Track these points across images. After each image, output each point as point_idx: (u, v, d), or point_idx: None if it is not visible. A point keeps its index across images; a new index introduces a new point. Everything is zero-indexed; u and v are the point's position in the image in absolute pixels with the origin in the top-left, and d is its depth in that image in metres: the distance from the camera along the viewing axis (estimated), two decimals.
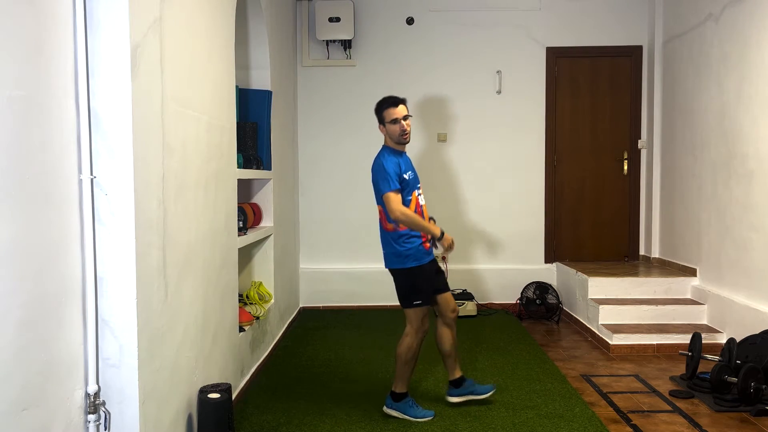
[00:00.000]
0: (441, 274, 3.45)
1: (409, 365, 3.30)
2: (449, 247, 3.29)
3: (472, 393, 3.45)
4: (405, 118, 3.27)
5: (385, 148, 3.34)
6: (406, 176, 3.25)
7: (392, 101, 3.28)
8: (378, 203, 3.30)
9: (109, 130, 2.09)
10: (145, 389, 2.22)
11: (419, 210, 3.31)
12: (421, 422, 3.24)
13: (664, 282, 4.99)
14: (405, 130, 3.26)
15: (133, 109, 2.12)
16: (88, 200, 2.06)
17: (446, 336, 3.41)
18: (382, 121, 3.30)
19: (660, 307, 4.74)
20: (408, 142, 3.33)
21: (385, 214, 3.25)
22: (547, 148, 5.93)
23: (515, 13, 5.86)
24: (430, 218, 3.48)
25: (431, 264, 3.35)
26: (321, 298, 5.93)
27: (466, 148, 5.92)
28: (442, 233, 3.24)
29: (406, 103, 3.31)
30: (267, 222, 4.55)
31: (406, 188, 3.25)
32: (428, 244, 3.33)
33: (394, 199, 3.16)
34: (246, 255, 4.45)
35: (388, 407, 3.32)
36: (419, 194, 3.34)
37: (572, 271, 5.42)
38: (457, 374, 3.46)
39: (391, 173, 3.18)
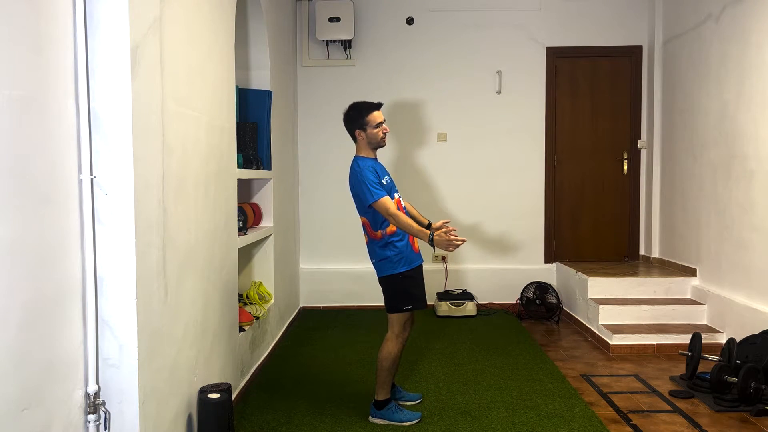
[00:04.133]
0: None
1: (390, 372, 3.26)
2: (448, 244, 2.97)
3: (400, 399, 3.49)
4: (384, 121, 3.24)
5: (359, 158, 3.21)
6: (384, 181, 3.17)
7: (374, 105, 3.21)
8: (362, 215, 3.20)
9: (109, 130, 2.09)
10: (145, 389, 2.22)
11: (404, 212, 3.25)
12: (409, 426, 3.20)
13: (664, 282, 4.99)
14: (387, 132, 3.24)
15: (133, 109, 2.11)
16: (88, 200, 2.06)
17: None
18: (363, 126, 3.18)
19: (660, 307, 4.74)
20: (385, 145, 3.29)
21: (370, 223, 3.18)
22: (547, 148, 5.93)
23: (515, 13, 5.86)
24: (428, 223, 3.44)
25: (421, 268, 3.30)
26: (321, 298, 5.93)
27: (466, 148, 5.92)
28: (432, 236, 2.99)
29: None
30: (267, 222, 4.55)
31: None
32: (416, 245, 3.29)
33: (387, 202, 3.07)
34: (246, 255, 4.45)
35: (372, 417, 3.29)
36: (400, 197, 3.31)
37: (572, 271, 5.42)
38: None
39: (374, 181, 3.10)
